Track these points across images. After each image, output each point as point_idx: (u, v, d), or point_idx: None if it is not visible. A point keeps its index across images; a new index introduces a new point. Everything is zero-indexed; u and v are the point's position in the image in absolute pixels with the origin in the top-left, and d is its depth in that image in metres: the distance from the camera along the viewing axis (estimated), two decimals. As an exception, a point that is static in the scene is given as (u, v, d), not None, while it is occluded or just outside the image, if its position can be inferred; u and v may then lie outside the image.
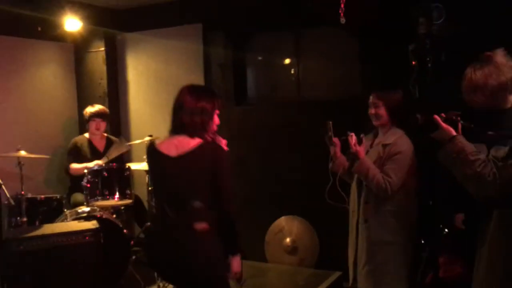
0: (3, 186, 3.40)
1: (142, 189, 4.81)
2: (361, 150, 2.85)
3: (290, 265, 4.50)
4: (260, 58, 5.08)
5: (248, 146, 4.89)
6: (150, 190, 4.51)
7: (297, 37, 4.75)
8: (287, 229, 4.56)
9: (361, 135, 2.98)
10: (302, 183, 4.57)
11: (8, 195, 3.45)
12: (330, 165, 3.05)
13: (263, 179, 4.82)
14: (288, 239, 4.53)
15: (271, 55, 5.00)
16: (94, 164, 4.41)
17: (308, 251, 4.45)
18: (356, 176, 2.97)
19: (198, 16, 5.02)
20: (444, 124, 2.15)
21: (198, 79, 5.12)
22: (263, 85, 5.11)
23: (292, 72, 4.91)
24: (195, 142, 2.42)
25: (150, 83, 5.49)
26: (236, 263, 2.53)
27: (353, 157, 2.85)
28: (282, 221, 4.60)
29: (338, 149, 2.99)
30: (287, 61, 4.97)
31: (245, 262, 4.75)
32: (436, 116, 2.17)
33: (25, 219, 4.11)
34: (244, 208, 4.95)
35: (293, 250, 4.50)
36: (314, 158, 4.53)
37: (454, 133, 2.13)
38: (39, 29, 5.11)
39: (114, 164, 4.44)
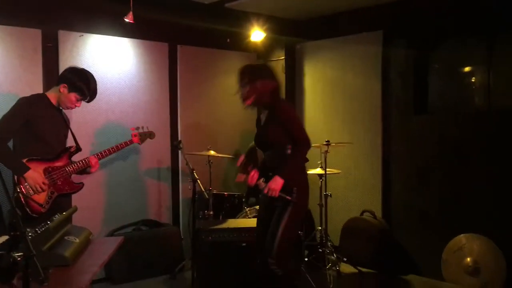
0: (199, 181, 3.77)
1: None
2: None
3: (470, 287, 4.18)
4: (444, 65, 4.82)
5: (428, 158, 4.68)
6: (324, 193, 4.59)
7: (489, 43, 4.40)
8: (468, 248, 4.24)
9: None
10: (487, 200, 4.22)
11: (203, 189, 3.81)
12: None
13: (443, 193, 4.57)
14: (468, 259, 4.22)
15: (457, 62, 4.72)
16: None
17: (493, 274, 4.08)
18: None
19: (379, 23, 4.96)
20: None
21: (375, 87, 5.06)
22: (446, 94, 4.84)
23: (480, 80, 4.57)
24: None
25: (326, 90, 5.58)
26: (276, 180, 3.14)
27: None
28: (462, 239, 4.29)
29: None
30: (475, 68, 4.65)
31: (420, 278, 4.59)
32: None
33: (211, 212, 4.54)
34: (422, 222, 4.76)
35: (474, 271, 4.17)
36: (503, 173, 4.16)
37: None
38: (228, 40, 5.59)
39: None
